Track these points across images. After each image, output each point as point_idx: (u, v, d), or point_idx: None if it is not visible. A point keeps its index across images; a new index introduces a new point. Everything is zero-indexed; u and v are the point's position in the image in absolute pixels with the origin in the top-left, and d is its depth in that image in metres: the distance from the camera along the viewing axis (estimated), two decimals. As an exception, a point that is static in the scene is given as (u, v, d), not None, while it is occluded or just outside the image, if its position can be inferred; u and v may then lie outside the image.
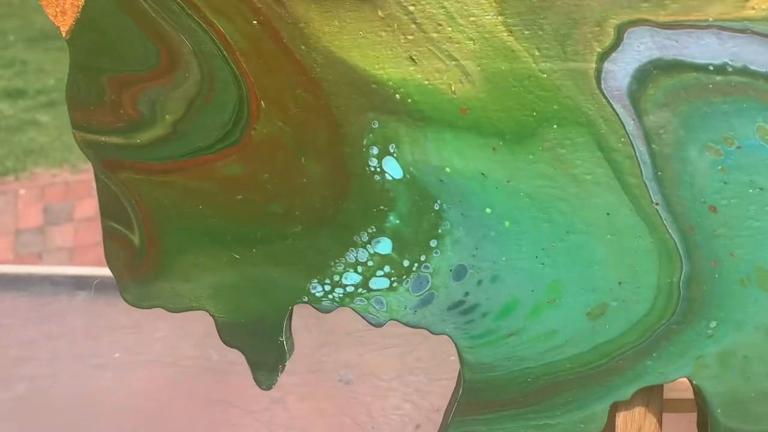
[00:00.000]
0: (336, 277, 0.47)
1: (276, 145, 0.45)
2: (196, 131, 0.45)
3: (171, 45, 0.44)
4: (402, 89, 0.44)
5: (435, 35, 0.43)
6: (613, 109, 0.43)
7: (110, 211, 0.47)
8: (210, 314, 0.49)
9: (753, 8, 0.41)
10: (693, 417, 0.50)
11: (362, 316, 0.48)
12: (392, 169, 0.45)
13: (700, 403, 0.48)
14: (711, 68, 0.42)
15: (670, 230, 0.44)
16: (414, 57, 0.44)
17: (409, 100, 0.44)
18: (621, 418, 0.49)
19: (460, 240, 0.46)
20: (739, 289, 0.45)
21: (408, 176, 0.45)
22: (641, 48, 0.42)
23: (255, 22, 0.44)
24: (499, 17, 0.43)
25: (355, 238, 0.46)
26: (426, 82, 0.44)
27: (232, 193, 0.46)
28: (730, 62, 0.42)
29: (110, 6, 0.44)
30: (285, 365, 0.49)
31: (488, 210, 0.45)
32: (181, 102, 0.45)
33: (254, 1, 0.43)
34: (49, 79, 2.65)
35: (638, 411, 0.49)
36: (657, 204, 0.44)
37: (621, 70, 0.43)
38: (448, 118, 0.44)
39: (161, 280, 0.48)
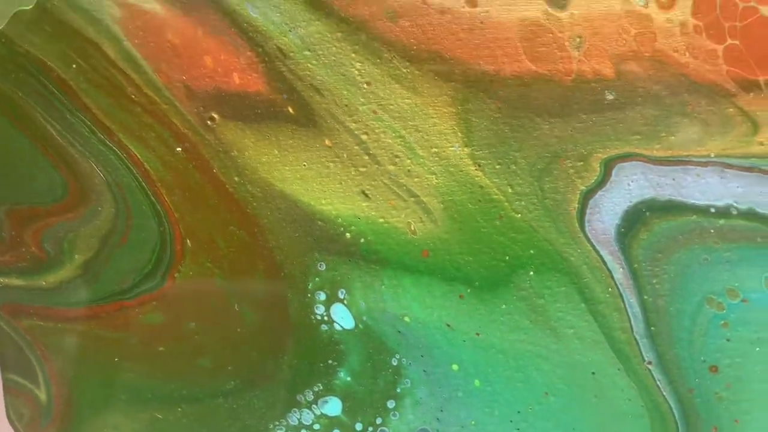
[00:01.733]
0: (277, 437, 0.41)
1: (204, 290, 0.39)
2: (111, 273, 0.39)
3: (80, 174, 0.38)
4: (353, 227, 0.38)
5: (391, 168, 0.37)
6: (599, 255, 0.37)
7: (12, 362, 0.41)
8: (131, 474, 0.42)
9: (761, 144, 0.35)
10: None
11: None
12: (342, 318, 0.39)
13: None
14: (713, 211, 0.36)
15: (664, 393, 0.38)
16: (367, 192, 0.37)
17: (362, 240, 0.38)
18: None
19: (422, 401, 0.39)
20: (743, 456, 0.39)
21: (361, 326, 0.39)
22: (632, 186, 0.36)
23: (179, 149, 0.37)
24: (466, 149, 0.37)
25: (298, 398, 0.40)
26: (381, 220, 0.38)
27: (153, 344, 0.40)
28: (734, 204, 0.36)
29: (8, 127, 0.38)
30: None
31: (455, 367, 0.39)
32: (93, 240, 0.39)
33: (178, 125, 0.37)
34: None
35: None
36: (650, 363, 0.38)
37: (608, 211, 0.37)
38: (406, 261, 0.38)
39: (73, 437, 0.42)
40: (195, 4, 0.36)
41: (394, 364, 0.39)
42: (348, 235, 0.38)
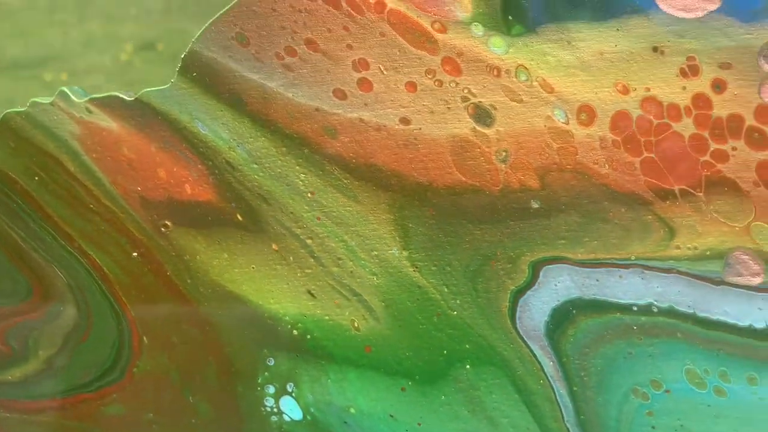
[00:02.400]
0: None
1: (161, 383, 0.41)
2: (74, 368, 0.41)
3: (43, 277, 0.40)
4: (300, 325, 0.40)
5: (335, 269, 0.39)
6: (530, 350, 0.39)
7: (-21, 451, 0.43)
8: None
9: (678, 247, 0.38)
10: None
11: None
12: (291, 409, 0.41)
13: None
14: (635, 309, 0.39)
15: (595, 477, 0.40)
16: (313, 291, 0.40)
17: (308, 337, 0.40)
18: None
19: (367, 486, 0.41)
20: None
21: (309, 417, 0.41)
22: (558, 287, 0.39)
23: (135, 254, 0.39)
24: (404, 252, 0.39)
25: (251, 484, 0.42)
26: (326, 318, 0.40)
27: (113, 434, 0.42)
28: (655, 303, 0.38)
29: (-25, 234, 0.40)
30: None
31: (398, 454, 0.41)
32: (57, 337, 0.41)
33: (133, 232, 0.39)
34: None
35: None
36: (581, 450, 0.40)
37: (537, 309, 0.39)
38: (351, 355, 0.40)
39: None
40: (148, 121, 0.38)
41: (342, 451, 0.41)
42: (295, 332, 0.40)
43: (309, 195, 0.39)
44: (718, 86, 0.36)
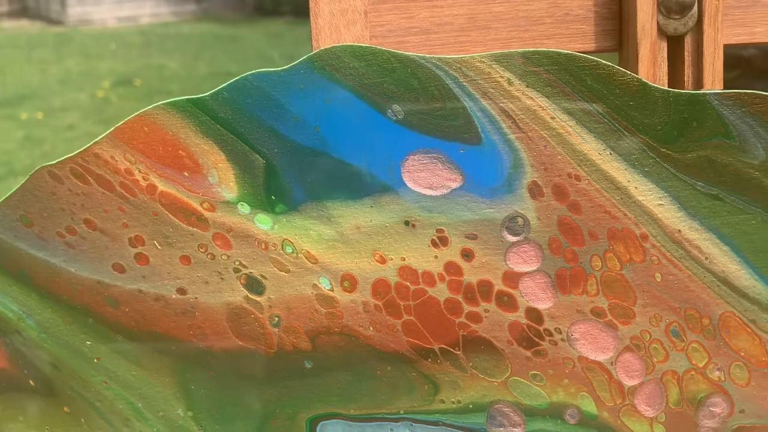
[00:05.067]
0: None
1: None
2: None
3: None
4: (95, 482, 0.42)
5: (125, 430, 0.41)
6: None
7: None
8: None
9: (443, 401, 0.41)
10: None
11: None
12: None
13: None
14: (406, 460, 0.41)
15: None
16: (105, 450, 0.42)
17: (103, 493, 0.42)
18: None
19: None
20: None
21: None
22: (334, 441, 0.41)
23: (-68, 420, 0.41)
24: (189, 412, 0.41)
25: None
26: (119, 475, 0.42)
27: None
28: (424, 453, 0.41)
29: None
30: None
31: None
32: None
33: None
34: None
35: None
36: None
37: (316, 463, 0.41)
38: None
39: None
40: (-60, 296, 0.41)
41: None
42: (90, 488, 0.42)
43: (95, 361, 0.41)
44: (467, 255, 0.39)
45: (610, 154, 0.38)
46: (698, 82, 0.41)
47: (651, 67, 0.40)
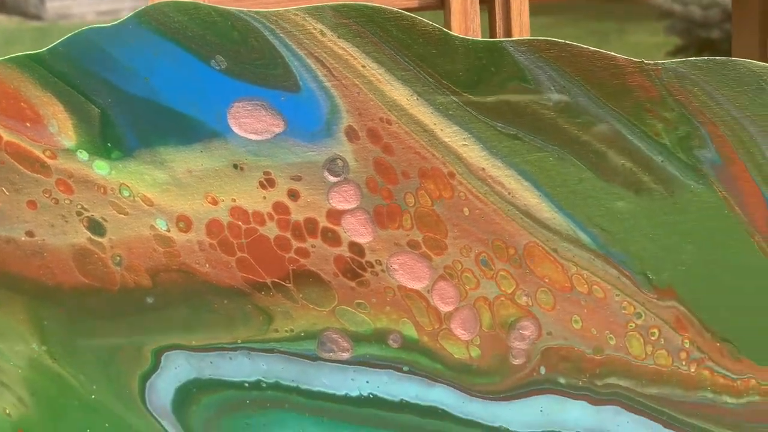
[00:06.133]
0: None
1: None
2: None
3: None
4: (-41, 415, 0.45)
5: (-16, 366, 0.45)
6: (162, 426, 0.45)
7: None
8: None
9: (276, 330, 0.44)
10: None
11: None
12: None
13: None
14: (246, 385, 0.45)
15: None
16: (-33, 385, 0.45)
17: (-32, 424, 0.45)
18: None
19: None
20: None
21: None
22: (178, 370, 0.45)
23: None
24: (43, 347, 0.45)
25: None
26: (-18, 408, 0.45)
27: None
28: (263, 379, 0.45)
29: None
30: None
31: None
32: None
33: None
34: None
35: None
36: None
37: (163, 390, 0.45)
38: (7, 439, 0.45)
39: None
40: None
41: None
42: (-45, 420, 0.45)
43: (-47, 300, 0.44)
44: (293, 195, 0.43)
45: (417, 99, 0.41)
46: (508, 33, 0.44)
47: (464, 20, 0.44)
